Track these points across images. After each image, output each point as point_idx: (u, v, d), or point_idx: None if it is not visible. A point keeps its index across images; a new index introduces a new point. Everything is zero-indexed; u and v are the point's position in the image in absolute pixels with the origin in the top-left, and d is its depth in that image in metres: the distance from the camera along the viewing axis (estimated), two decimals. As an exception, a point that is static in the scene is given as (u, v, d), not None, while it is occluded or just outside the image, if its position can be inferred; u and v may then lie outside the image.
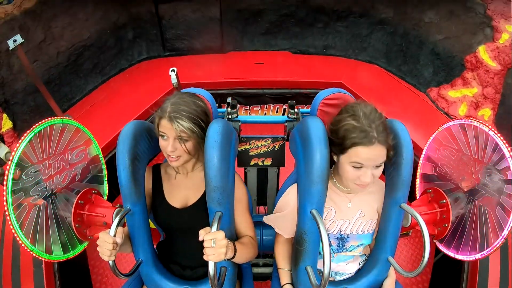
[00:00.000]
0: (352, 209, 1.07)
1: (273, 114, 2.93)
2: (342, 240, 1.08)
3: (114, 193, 1.37)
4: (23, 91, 2.04)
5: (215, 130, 0.94)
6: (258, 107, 2.89)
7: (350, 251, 1.09)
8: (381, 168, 0.93)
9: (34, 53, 2.09)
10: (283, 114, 2.90)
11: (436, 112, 2.23)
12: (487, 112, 2.01)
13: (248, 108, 2.88)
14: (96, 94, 2.48)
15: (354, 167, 0.92)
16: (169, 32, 2.90)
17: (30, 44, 2.04)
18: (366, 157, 0.89)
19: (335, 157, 0.97)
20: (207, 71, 2.70)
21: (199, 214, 1.07)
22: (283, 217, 1.12)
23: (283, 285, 1.12)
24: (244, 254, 1.02)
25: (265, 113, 2.93)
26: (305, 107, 2.83)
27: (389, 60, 2.74)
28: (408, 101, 2.37)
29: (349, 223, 1.06)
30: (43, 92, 1.90)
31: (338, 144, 0.93)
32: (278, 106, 2.90)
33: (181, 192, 1.12)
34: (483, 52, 2.01)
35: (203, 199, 0.98)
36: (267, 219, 1.18)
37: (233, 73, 2.69)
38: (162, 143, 1.02)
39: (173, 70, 2.10)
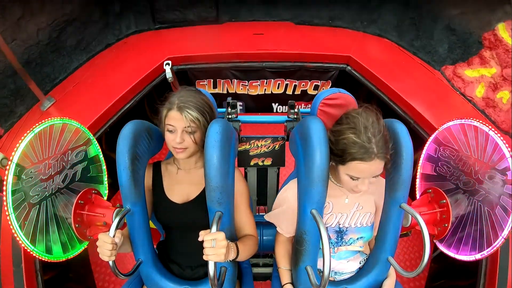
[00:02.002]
0: (349, 204, 1.08)
1: (274, 89, 2.64)
2: (340, 233, 1.08)
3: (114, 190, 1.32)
4: (2, 73, 1.88)
5: (215, 130, 0.94)
6: (258, 82, 2.58)
7: (350, 244, 1.10)
8: (378, 176, 0.94)
9: (12, 31, 1.90)
10: (285, 90, 2.64)
11: (452, 91, 2.08)
12: (506, 95, 1.85)
13: (247, 84, 2.59)
14: (80, 72, 2.26)
15: (351, 178, 0.93)
16: (159, 2, 2.62)
17: (7, 22, 1.86)
18: (364, 172, 0.90)
19: (333, 163, 0.98)
20: (201, 43, 2.46)
21: (199, 209, 1.07)
22: (283, 213, 1.12)
23: (284, 284, 1.12)
24: (246, 252, 1.03)
25: (265, 89, 2.65)
26: (304, 107, 2.74)
27: (400, 34, 2.51)
28: (422, 78, 2.18)
29: (347, 216, 1.07)
30: (22, 75, 1.80)
31: (337, 154, 0.94)
32: (279, 81, 2.57)
33: (182, 187, 1.12)
34: (502, 30, 1.86)
35: (204, 194, 0.99)
36: (268, 217, 1.19)
37: (230, 44, 2.42)
38: (169, 136, 1.02)
39: (168, 64, 1.92)
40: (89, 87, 2.11)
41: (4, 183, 0.96)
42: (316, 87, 2.60)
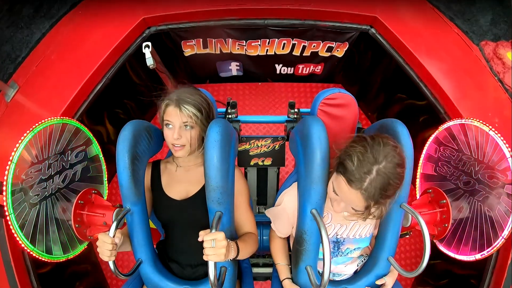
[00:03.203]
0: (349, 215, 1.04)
1: (278, 49, 2.17)
2: (337, 243, 1.07)
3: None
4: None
5: (215, 130, 0.94)
6: (258, 42, 2.09)
7: (346, 254, 1.09)
8: (359, 213, 0.88)
9: None
10: (291, 50, 2.18)
11: (489, 76, 1.73)
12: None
13: (244, 44, 2.10)
14: (43, 46, 1.85)
15: (333, 189, 0.89)
16: None
17: None
18: (343, 193, 0.85)
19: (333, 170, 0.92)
20: None
21: (199, 206, 1.07)
22: (279, 214, 1.13)
23: (283, 280, 1.12)
24: (247, 251, 1.04)
25: (267, 50, 2.18)
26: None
27: None
28: (459, 55, 1.78)
29: (346, 228, 1.05)
30: None
31: (339, 158, 0.87)
32: (285, 41, 2.09)
33: (181, 185, 1.13)
34: None
35: (203, 191, 0.99)
36: (267, 212, 1.19)
37: None
38: (167, 132, 1.03)
39: (147, 46, 1.63)
40: (55, 64, 1.76)
41: (4, 183, 0.96)
42: (329, 49, 2.17)
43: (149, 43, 1.69)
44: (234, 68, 2.46)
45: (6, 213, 0.96)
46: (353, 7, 1.87)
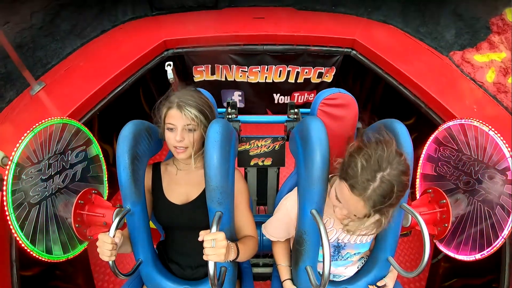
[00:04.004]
0: None
1: (275, 76, 2.58)
2: (338, 248, 1.07)
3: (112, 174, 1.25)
4: (-8, 57, 1.82)
5: (215, 130, 0.94)
6: (258, 68, 2.51)
7: (346, 258, 1.09)
8: (359, 219, 0.88)
9: (5, 13, 1.89)
10: (287, 78, 2.58)
11: (462, 76, 2.03)
12: (517, 80, 1.79)
13: (246, 70, 2.52)
14: (73, 57, 2.22)
15: (336, 196, 0.88)
16: (157, -13, 2.55)
17: (1, 4, 1.85)
18: (345, 199, 0.84)
19: (337, 176, 0.92)
20: (199, 27, 2.43)
21: (199, 210, 1.07)
22: (276, 220, 1.13)
23: (284, 281, 1.12)
24: (247, 253, 1.03)
25: (265, 77, 2.58)
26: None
27: (405, 21, 2.48)
28: (431, 63, 2.13)
29: (347, 233, 1.05)
30: (14, 59, 1.76)
31: (342, 164, 0.87)
32: (281, 68, 2.51)
33: (182, 188, 1.13)
34: (510, 15, 1.89)
35: (204, 195, 0.99)
36: (264, 229, 1.19)
37: (229, 28, 2.38)
38: (169, 135, 1.03)
39: (169, 65, 1.85)
40: (80, 70, 2.07)
41: (4, 183, 0.96)
42: (320, 75, 2.54)
43: (171, 62, 1.94)
44: (236, 99, 2.74)
45: (6, 213, 0.96)
46: (335, 32, 2.34)
